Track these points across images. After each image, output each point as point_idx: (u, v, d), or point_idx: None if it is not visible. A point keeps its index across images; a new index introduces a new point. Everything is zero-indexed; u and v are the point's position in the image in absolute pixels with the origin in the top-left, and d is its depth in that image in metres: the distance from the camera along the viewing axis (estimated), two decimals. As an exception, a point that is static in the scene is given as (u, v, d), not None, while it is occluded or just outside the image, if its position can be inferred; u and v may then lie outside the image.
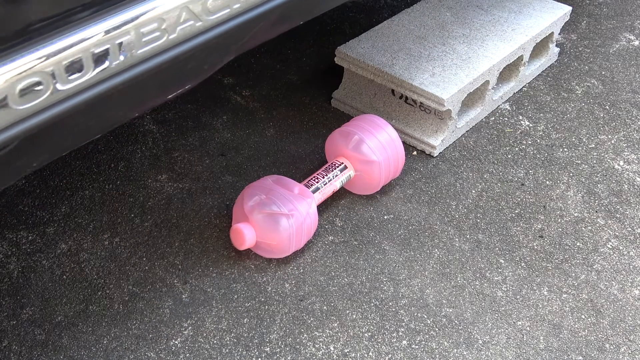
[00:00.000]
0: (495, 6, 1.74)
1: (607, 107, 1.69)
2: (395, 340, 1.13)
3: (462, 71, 1.49)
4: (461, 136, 1.57)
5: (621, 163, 1.52)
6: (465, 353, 1.12)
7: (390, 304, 1.19)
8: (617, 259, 1.29)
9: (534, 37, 1.63)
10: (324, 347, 1.12)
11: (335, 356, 1.11)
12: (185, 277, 1.22)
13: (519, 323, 1.17)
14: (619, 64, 1.85)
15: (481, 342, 1.14)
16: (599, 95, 1.73)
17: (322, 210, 1.35)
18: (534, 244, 1.32)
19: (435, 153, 1.51)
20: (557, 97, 1.72)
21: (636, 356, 1.13)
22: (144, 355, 1.10)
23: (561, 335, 1.15)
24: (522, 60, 1.65)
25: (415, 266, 1.26)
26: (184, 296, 1.19)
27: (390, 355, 1.11)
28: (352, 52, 1.53)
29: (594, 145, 1.57)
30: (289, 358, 1.10)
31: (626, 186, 1.46)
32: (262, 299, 1.19)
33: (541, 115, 1.65)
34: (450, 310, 1.18)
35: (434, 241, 1.31)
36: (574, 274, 1.26)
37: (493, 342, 1.14)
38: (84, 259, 1.24)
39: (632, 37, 1.97)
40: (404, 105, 1.53)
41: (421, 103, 1.49)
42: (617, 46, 1.93)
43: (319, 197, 1.29)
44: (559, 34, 1.84)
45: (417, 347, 1.13)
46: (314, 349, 1.12)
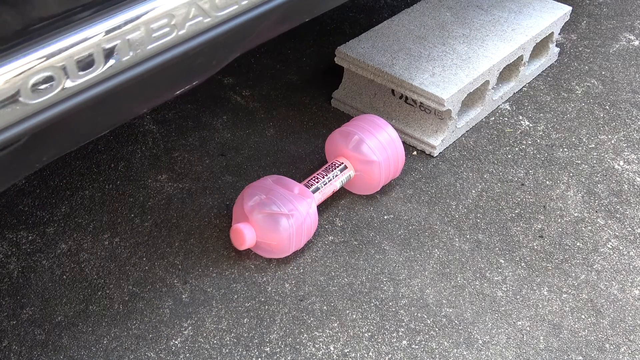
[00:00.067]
0: (495, 6, 1.74)
1: (607, 107, 1.69)
2: (395, 340, 1.13)
3: (462, 71, 1.49)
4: (461, 136, 1.57)
5: (621, 163, 1.52)
6: (465, 353, 1.12)
7: (390, 304, 1.19)
8: (617, 259, 1.29)
9: (534, 37, 1.63)
10: (324, 347, 1.12)
11: (335, 356, 1.11)
12: (185, 277, 1.22)
13: (519, 323, 1.17)
14: (619, 64, 1.85)
15: (481, 342, 1.14)
16: (599, 95, 1.73)
17: (322, 210, 1.35)
18: (534, 244, 1.32)
19: (435, 153, 1.51)
20: (557, 97, 1.72)
21: (636, 356, 1.13)
22: (144, 355, 1.10)
23: (561, 335, 1.15)
24: (522, 60, 1.65)
25: (415, 266, 1.26)
26: (184, 296, 1.19)
27: (390, 355, 1.11)
28: (352, 52, 1.53)
29: (594, 145, 1.56)
30: (289, 358, 1.10)
31: (626, 186, 1.46)
32: (262, 299, 1.19)
33: (541, 115, 1.65)
34: (450, 310, 1.18)
35: (434, 241, 1.31)
36: (574, 274, 1.26)
37: (493, 342, 1.14)
38: (84, 259, 1.24)
39: (632, 37, 1.97)
40: (404, 105, 1.53)
41: (421, 103, 1.49)
42: (617, 46, 1.93)
43: (319, 197, 1.29)
44: (559, 34, 1.84)
45: (417, 347, 1.13)
46: (314, 349, 1.12)
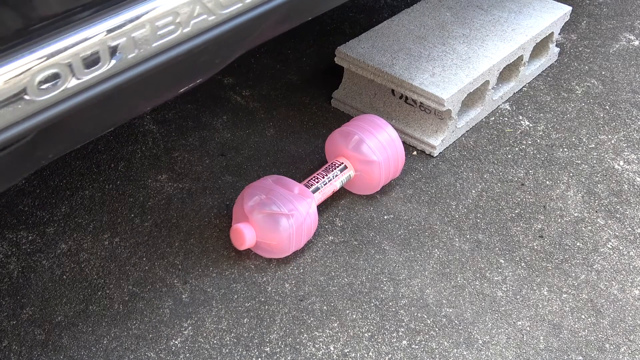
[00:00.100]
0: (495, 6, 1.74)
1: (607, 107, 1.69)
2: (395, 340, 1.13)
3: (462, 71, 1.49)
4: (461, 136, 1.57)
5: (621, 163, 1.52)
6: (465, 353, 1.12)
7: (390, 304, 1.19)
8: (617, 259, 1.29)
9: (534, 37, 1.63)
10: (324, 347, 1.12)
11: (335, 356, 1.11)
12: (185, 277, 1.22)
13: (519, 323, 1.17)
14: (619, 64, 1.85)
15: (481, 342, 1.14)
16: (599, 95, 1.73)
17: (322, 210, 1.35)
18: (534, 244, 1.32)
19: (435, 153, 1.51)
20: (557, 97, 1.72)
21: (636, 356, 1.13)
22: (144, 355, 1.10)
23: (561, 335, 1.15)
24: (522, 60, 1.65)
25: (415, 266, 1.26)
26: (184, 296, 1.19)
27: (390, 355, 1.11)
28: (352, 52, 1.53)
29: (594, 145, 1.56)
30: (289, 358, 1.10)
31: (626, 186, 1.46)
32: (262, 299, 1.19)
33: (541, 115, 1.65)
34: (450, 310, 1.18)
35: (434, 241, 1.31)
36: (574, 274, 1.26)
37: (493, 342, 1.14)
38: (84, 259, 1.24)
39: (632, 37, 1.97)
40: (404, 105, 1.53)
41: (421, 103, 1.49)
42: (617, 46, 1.93)
43: (319, 197, 1.29)
44: (559, 34, 1.84)
45: (417, 347, 1.13)
46: (314, 349, 1.12)
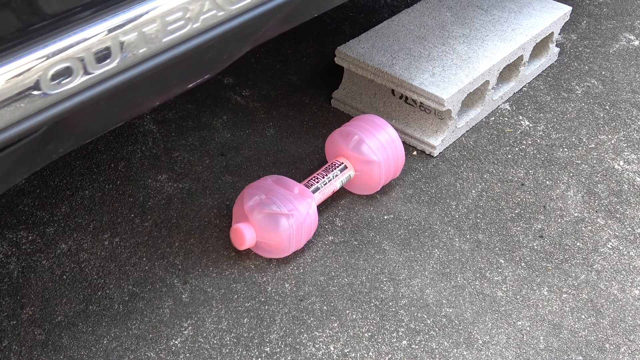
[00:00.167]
0: (495, 6, 1.74)
1: (607, 107, 1.69)
2: (395, 340, 1.13)
3: (462, 71, 1.49)
4: (461, 136, 1.57)
5: (621, 163, 1.52)
6: (465, 353, 1.12)
7: (390, 304, 1.19)
8: (617, 259, 1.29)
9: (534, 37, 1.63)
10: (324, 347, 1.12)
11: (335, 356, 1.11)
12: (185, 277, 1.22)
13: (519, 323, 1.17)
14: (619, 64, 1.85)
15: (481, 342, 1.14)
16: (599, 95, 1.73)
17: (322, 210, 1.35)
18: (534, 244, 1.32)
19: (435, 153, 1.51)
20: (557, 97, 1.72)
21: (636, 356, 1.13)
22: (144, 355, 1.10)
23: (561, 335, 1.15)
24: (522, 60, 1.65)
25: (415, 266, 1.26)
26: (184, 296, 1.19)
27: (390, 355, 1.11)
28: (352, 52, 1.53)
29: (594, 145, 1.56)
30: (289, 358, 1.10)
31: (626, 186, 1.46)
32: (262, 299, 1.19)
33: (541, 115, 1.65)
34: (450, 310, 1.18)
35: (434, 241, 1.31)
36: (574, 274, 1.26)
37: (493, 342, 1.14)
38: (84, 259, 1.24)
39: (632, 37, 1.97)
40: (404, 105, 1.53)
41: (421, 103, 1.49)
42: (617, 46, 1.93)
43: (319, 197, 1.29)
44: (559, 34, 1.84)
45: (417, 347, 1.13)
46: (314, 349, 1.12)
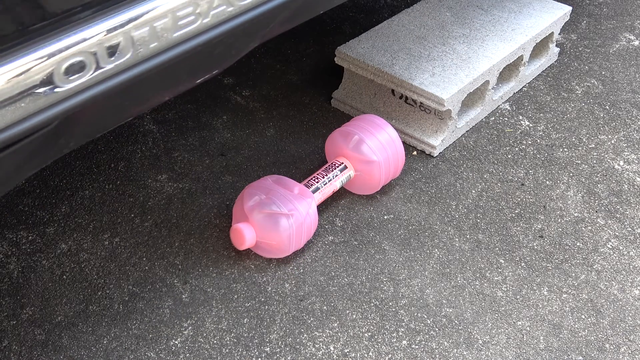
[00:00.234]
0: (495, 6, 1.74)
1: (607, 107, 1.69)
2: (395, 340, 1.13)
3: (462, 71, 1.49)
4: (461, 136, 1.57)
5: (621, 163, 1.52)
6: (465, 353, 1.12)
7: (390, 304, 1.19)
8: (617, 259, 1.29)
9: (534, 37, 1.63)
10: (324, 347, 1.12)
11: (335, 356, 1.11)
12: (185, 277, 1.22)
13: (519, 323, 1.17)
14: (619, 64, 1.85)
15: (481, 342, 1.14)
16: (599, 95, 1.73)
17: (322, 210, 1.35)
18: (534, 244, 1.32)
19: (435, 153, 1.51)
20: (557, 97, 1.72)
21: (636, 356, 1.13)
22: (144, 355, 1.10)
23: (561, 335, 1.15)
24: (522, 60, 1.65)
25: (415, 266, 1.26)
26: (184, 296, 1.19)
27: (390, 355, 1.11)
28: (352, 52, 1.53)
29: (594, 145, 1.56)
30: (289, 358, 1.10)
31: (626, 186, 1.46)
32: (262, 299, 1.19)
33: (541, 115, 1.65)
34: (450, 310, 1.18)
35: (434, 241, 1.31)
36: (574, 274, 1.26)
37: (493, 342, 1.14)
38: (84, 259, 1.24)
39: (632, 37, 1.97)
40: (404, 105, 1.53)
41: (421, 103, 1.49)
42: (617, 46, 1.93)
43: (319, 197, 1.29)
44: (559, 34, 1.84)
45: (417, 347, 1.13)
46: (314, 349, 1.12)
